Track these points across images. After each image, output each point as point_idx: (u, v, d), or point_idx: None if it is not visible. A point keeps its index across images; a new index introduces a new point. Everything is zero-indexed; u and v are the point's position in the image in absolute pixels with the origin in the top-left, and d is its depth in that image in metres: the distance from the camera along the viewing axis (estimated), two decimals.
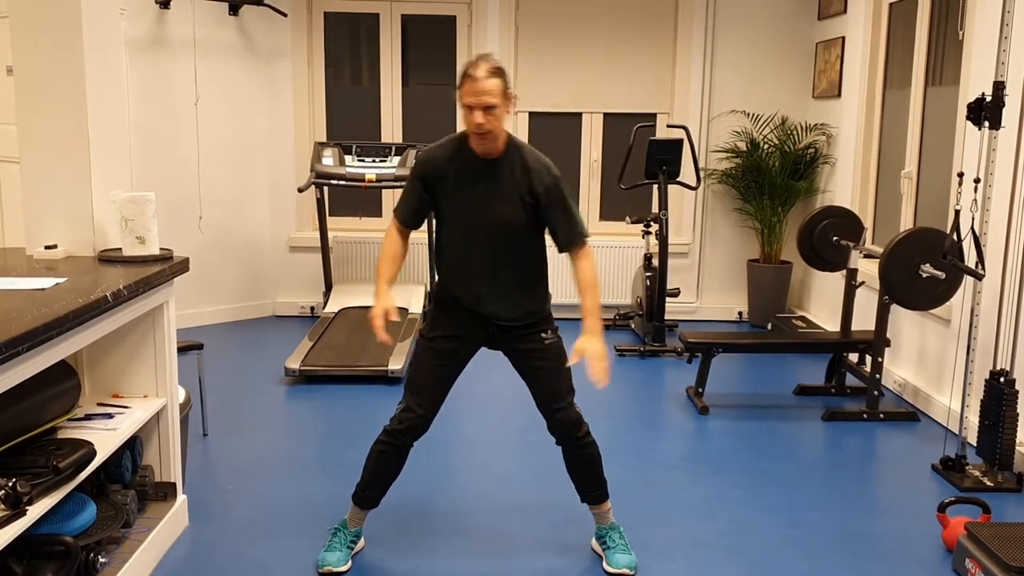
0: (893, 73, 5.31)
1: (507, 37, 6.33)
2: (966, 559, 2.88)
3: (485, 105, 2.58)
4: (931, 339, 4.56)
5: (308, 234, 6.52)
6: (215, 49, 6.02)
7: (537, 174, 2.69)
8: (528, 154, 2.73)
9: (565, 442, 2.90)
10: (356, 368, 4.90)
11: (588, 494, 2.98)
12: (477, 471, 3.76)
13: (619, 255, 6.46)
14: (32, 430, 2.54)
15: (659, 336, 5.65)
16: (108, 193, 3.13)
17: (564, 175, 2.79)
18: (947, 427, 4.34)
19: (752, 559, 3.03)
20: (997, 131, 3.57)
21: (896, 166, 5.19)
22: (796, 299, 6.61)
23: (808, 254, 4.98)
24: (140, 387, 3.06)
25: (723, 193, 6.50)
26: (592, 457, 2.93)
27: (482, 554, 3.04)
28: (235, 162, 6.26)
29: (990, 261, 3.91)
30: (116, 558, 2.73)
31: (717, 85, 6.40)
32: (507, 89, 2.65)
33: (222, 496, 3.48)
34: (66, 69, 2.97)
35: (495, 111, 2.61)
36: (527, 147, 2.76)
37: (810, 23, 6.34)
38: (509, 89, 2.67)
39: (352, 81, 6.57)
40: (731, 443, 4.12)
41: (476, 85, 2.58)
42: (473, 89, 2.58)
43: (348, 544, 2.96)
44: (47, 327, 2.16)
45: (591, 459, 2.93)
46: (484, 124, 2.60)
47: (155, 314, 3.00)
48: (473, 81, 2.58)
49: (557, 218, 2.73)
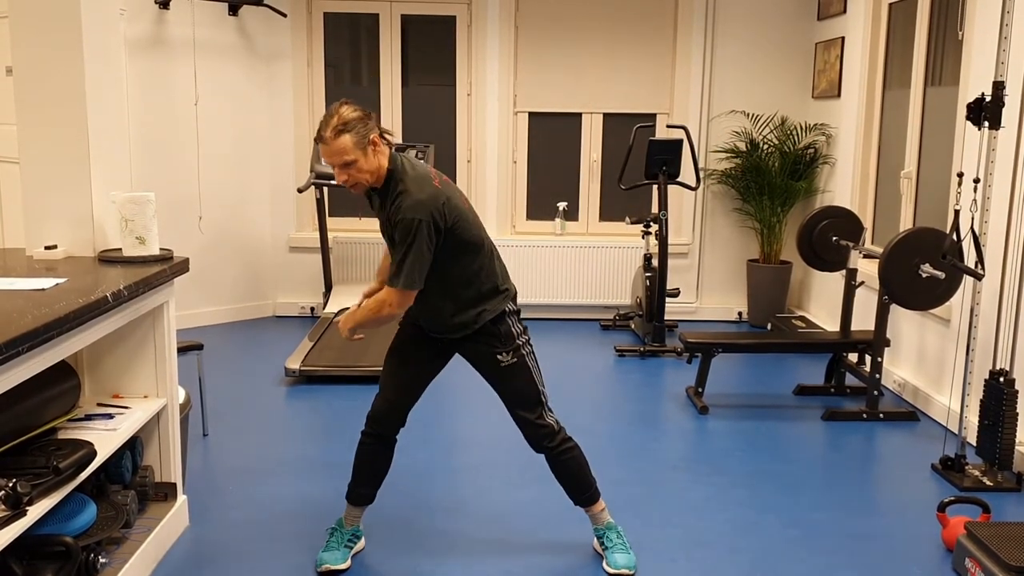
0: (893, 73, 5.31)
1: (507, 37, 6.34)
2: (966, 559, 2.88)
3: (342, 164, 2.60)
4: (931, 339, 4.56)
5: (308, 234, 6.52)
6: (215, 49, 6.03)
7: (396, 210, 2.63)
8: (397, 189, 2.65)
9: (541, 452, 2.91)
10: (356, 368, 4.90)
11: (577, 497, 2.98)
12: (476, 471, 3.76)
13: (619, 255, 6.46)
14: (32, 430, 2.54)
15: (659, 336, 5.66)
16: (108, 193, 3.13)
17: (564, 175, 2.78)
18: (947, 427, 4.34)
19: (752, 559, 3.03)
20: (997, 131, 3.57)
21: (896, 166, 5.19)
22: (796, 299, 6.62)
23: (808, 254, 4.98)
24: (140, 387, 3.06)
25: (723, 193, 6.51)
26: (573, 462, 2.92)
27: (482, 553, 3.04)
28: (235, 162, 6.26)
29: (990, 261, 3.92)
30: (116, 558, 2.73)
31: (717, 85, 6.40)
32: (365, 137, 2.59)
33: (222, 496, 3.48)
34: (66, 69, 2.97)
35: (356, 164, 2.60)
36: (406, 180, 2.65)
37: (810, 23, 6.34)
38: (370, 135, 2.60)
39: (352, 81, 6.57)
40: (731, 443, 4.12)
41: (327, 148, 2.59)
42: (326, 152, 2.60)
43: (346, 543, 2.96)
44: (47, 327, 2.16)
45: (573, 464, 2.92)
46: (348, 180, 2.63)
47: (155, 314, 3.01)
48: (324, 143, 2.59)
49: (395, 253, 2.67)
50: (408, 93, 6.51)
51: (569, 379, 5.05)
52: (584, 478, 2.95)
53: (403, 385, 2.90)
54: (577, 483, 2.95)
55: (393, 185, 2.67)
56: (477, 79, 6.39)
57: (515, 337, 2.83)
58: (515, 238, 6.47)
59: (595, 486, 2.98)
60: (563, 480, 2.96)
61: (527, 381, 2.84)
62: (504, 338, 2.81)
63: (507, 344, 2.81)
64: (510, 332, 2.82)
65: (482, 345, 2.82)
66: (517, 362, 2.83)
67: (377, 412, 2.91)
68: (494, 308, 2.79)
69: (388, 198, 2.69)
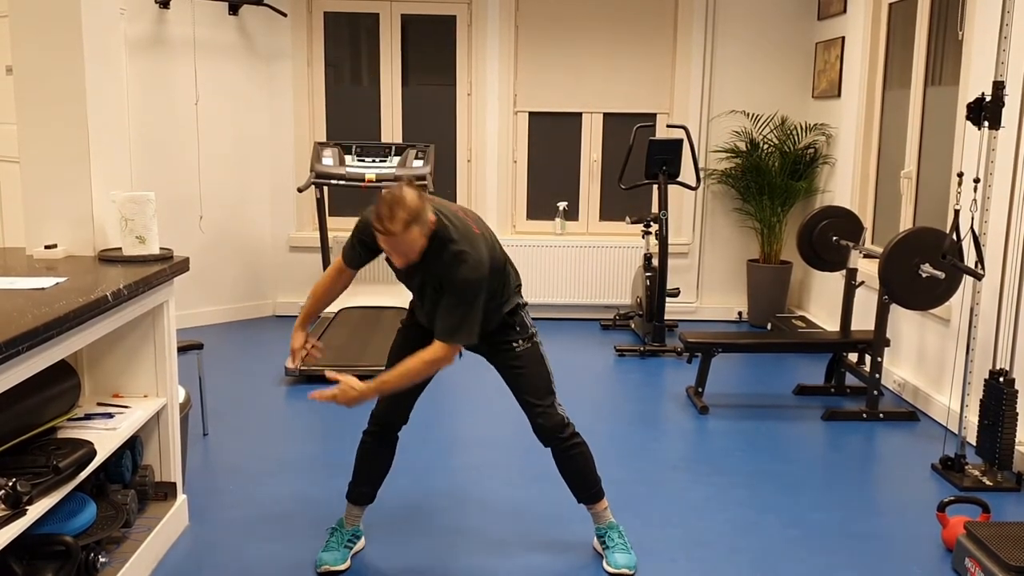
0: (893, 73, 5.31)
1: (507, 37, 6.33)
2: (966, 558, 2.88)
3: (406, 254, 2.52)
4: (931, 339, 4.56)
5: (308, 234, 6.52)
6: (215, 49, 6.03)
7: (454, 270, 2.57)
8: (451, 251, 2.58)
9: (550, 445, 2.89)
10: (356, 368, 4.90)
11: (582, 494, 2.98)
12: (476, 470, 3.76)
13: (619, 255, 6.46)
14: (32, 430, 2.54)
15: (659, 336, 5.66)
16: (108, 193, 3.13)
17: (564, 175, 2.79)
18: (947, 427, 4.34)
19: (752, 559, 3.03)
20: (997, 131, 3.58)
21: (896, 166, 5.19)
22: (796, 299, 6.62)
23: (808, 254, 4.98)
24: (140, 387, 3.06)
25: (723, 193, 6.51)
26: (581, 457, 2.92)
27: (481, 553, 3.04)
28: (235, 162, 6.26)
29: (989, 261, 3.92)
30: (116, 558, 2.73)
31: (717, 85, 6.40)
32: (426, 223, 2.50)
33: (222, 496, 3.48)
34: (66, 69, 2.97)
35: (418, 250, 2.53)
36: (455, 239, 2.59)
37: (810, 23, 6.34)
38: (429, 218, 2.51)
39: (352, 81, 6.57)
40: (731, 443, 4.12)
41: (393, 241, 2.45)
42: (390, 243, 2.47)
43: (346, 543, 2.96)
44: (47, 327, 2.16)
45: (580, 459, 2.92)
46: (405, 263, 2.56)
47: (155, 314, 3.01)
48: (390, 236, 2.44)
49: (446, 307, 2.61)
50: (408, 93, 6.51)
51: (569, 379, 5.04)
52: (590, 475, 2.95)
53: None
54: (583, 479, 2.94)
55: (439, 245, 2.58)
56: (477, 79, 6.39)
57: (528, 327, 2.88)
58: (515, 238, 6.47)
59: (600, 484, 2.98)
60: (569, 476, 2.95)
61: (540, 368, 2.87)
62: (519, 327, 2.86)
63: (522, 333, 2.86)
64: (524, 323, 2.87)
65: (496, 334, 2.84)
66: (531, 348, 2.86)
67: (380, 410, 2.91)
68: (509, 304, 2.83)
69: (436, 258, 2.59)
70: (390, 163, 5.80)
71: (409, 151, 5.88)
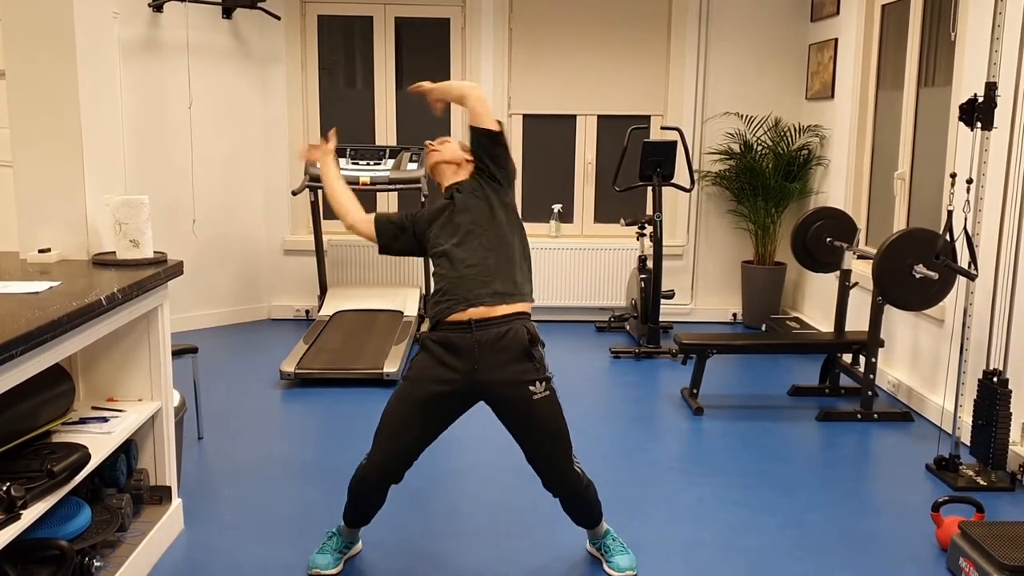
0: (886, 74, 5.33)
1: (501, 40, 6.34)
2: (960, 558, 2.89)
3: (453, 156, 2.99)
4: (924, 339, 4.57)
5: (303, 237, 6.52)
6: (209, 52, 6.02)
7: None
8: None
9: (560, 496, 2.81)
10: (351, 371, 4.90)
11: (583, 522, 2.94)
12: (473, 472, 3.76)
13: (614, 257, 6.47)
14: (26, 434, 2.54)
15: (654, 338, 5.66)
16: (102, 196, 3.12)
17: (559, 177, 2.82)
18: (941, 427, 4.36)
19: (747, 559, 3.04)
20: (989, 132, 3.59)
21: (889, 167, 5.21)
22: (790, 300, 6.63)
23: (802, 255, 4.99)
24: (135, 391, 3.05)
25: (717, 195, 6.52)
26: (590, 499, 2.85)
27: (478, 554, 3.04)
28: (229, 165, 6.26)
29: (983, 261, 3.93)
30: (111, 562, 2.73)
31: (710, 87, 6.41)
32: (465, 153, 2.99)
33: (217, 500, 3.47)
34: (59, 72, 2.97)
35: None
36: None
37: (803, 25, 6.35)
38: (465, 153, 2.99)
39: (346, 84, 6.57)
40: (726, 444, 4.13)
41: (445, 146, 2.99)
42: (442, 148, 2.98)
43: (341, 549, 2.95)
44: (41, 331, 2.15)
45: (588, 502, 2.86)
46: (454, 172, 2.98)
47: (149, 318, 3.00)
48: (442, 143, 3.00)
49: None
50: (402, 96, 6.51)
51: (564, 381, 5.05)
52: (595, 507, 2.90)
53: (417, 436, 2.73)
54: (588, 514, 2.90)
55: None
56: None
57: (546, 367, 2.70)
58: None
59: (600, 507, 2.94)
60: (574, 513, 2.89)
61: (558, 419, 2.69)
62: (538, 364, 2.67)
63: (541, 373, 2.67)
64: (542, 358, 2.69)
65: (513, 373, 2.65)
66: (549, 395, 2.68)
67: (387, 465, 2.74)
68: (531, 300, 2.82)
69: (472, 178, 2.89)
70: (384, 166, 5.80)
71: (403, 154, 5.88)
